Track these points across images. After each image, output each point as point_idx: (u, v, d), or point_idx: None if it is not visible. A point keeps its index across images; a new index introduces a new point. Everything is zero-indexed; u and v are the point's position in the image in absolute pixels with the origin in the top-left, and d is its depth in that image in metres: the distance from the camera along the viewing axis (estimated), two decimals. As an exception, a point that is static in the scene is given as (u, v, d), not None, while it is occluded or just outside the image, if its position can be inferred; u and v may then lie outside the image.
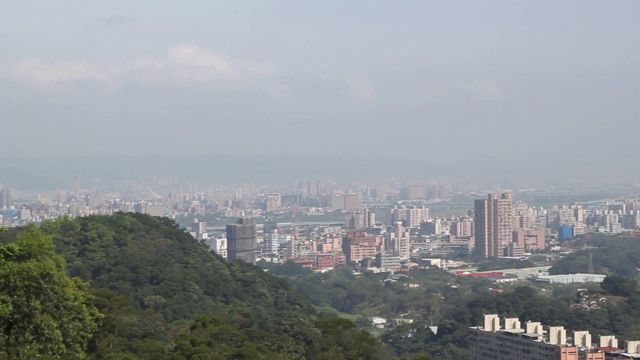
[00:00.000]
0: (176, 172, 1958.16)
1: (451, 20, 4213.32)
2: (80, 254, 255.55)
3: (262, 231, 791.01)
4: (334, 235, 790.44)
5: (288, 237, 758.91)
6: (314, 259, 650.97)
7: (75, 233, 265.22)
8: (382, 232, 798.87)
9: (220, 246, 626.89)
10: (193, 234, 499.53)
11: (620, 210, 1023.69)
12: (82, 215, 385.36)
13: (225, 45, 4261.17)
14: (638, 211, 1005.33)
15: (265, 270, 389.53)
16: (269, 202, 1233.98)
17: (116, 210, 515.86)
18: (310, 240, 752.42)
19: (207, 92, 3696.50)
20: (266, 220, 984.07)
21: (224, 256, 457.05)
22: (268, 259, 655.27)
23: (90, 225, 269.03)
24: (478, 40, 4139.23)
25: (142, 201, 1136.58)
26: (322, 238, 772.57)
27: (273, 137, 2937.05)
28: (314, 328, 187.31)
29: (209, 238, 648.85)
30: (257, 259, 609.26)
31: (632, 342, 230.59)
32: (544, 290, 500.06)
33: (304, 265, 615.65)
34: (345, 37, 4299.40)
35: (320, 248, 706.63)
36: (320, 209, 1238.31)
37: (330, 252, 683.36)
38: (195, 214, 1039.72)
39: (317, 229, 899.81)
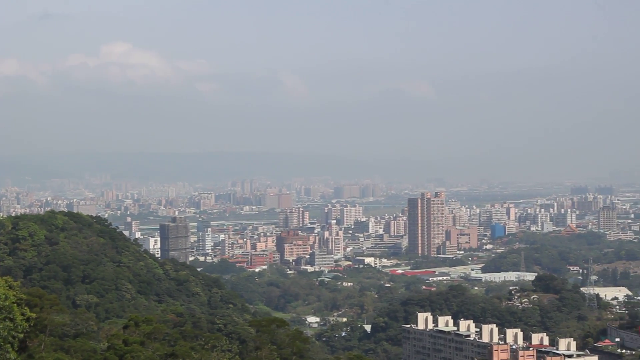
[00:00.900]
0: (109, 171, 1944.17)
1: (383, 18, 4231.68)
2: (11, 253, 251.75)
3: (195, 230, 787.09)
4: (268, 234, 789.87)
5: (222, 236, 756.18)
6: (247, 257, 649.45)
7: (6, 232, 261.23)
8: (316, 231, 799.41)
9: (154, 245, 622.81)
10: (126, 233, 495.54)
11: (551, 209, 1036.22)
12: (13, 214, 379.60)
13: (159, 43, 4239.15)
14: (569, 210, 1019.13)
15: (198, 269, 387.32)
16: (203, 200, 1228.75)
17: (48, 209, 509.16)
18: (244, 239, 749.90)
19: (140, 90, 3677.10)
20: (200, 219, 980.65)
21: (157, 255, 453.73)
22: (202, 258, 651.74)
23: (22, 224, 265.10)
24: (410, 39, 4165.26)
25: (74, 200, 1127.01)
26: (256, 237, 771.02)
27: (207, 135, 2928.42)
28: (247, 327, 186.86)
29: (142, 237, 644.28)
30: (191, 258, 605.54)
31: (563, 339, 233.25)
32: (476, 288, 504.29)
33: (237, 264, 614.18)
34: (278, 34, 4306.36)
35: (254, 247, 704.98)
36: (254, 207, 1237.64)
37: (264, 250, 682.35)
38: (128, 212, 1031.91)
39: (251, 227, 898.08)
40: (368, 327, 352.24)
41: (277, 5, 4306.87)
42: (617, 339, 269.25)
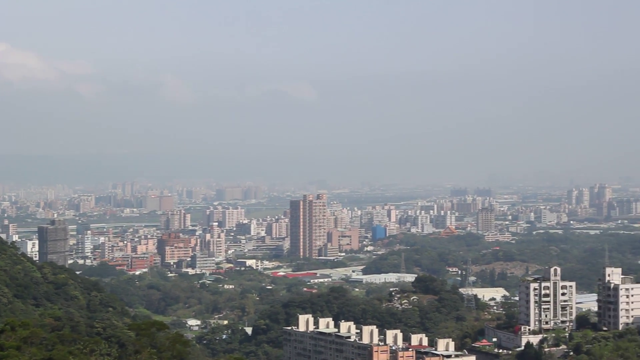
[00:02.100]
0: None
1: (266, 19, 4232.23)
2: None
3: (75, 233, 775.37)
4: (149, 236, 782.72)
5: (102, 239, 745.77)
6: (128, 260, 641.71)
7: None
8: (197, 233, 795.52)
9: (32, 248, 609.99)
10: (3, 235, 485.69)
11: (431, 211, 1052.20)
12: None
13: (38, 44, 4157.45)
14: (448, 212, 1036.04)
15: (77, 273, 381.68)
16: (83, 203, 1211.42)
17: None
18: (125, 242, 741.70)
19: (19, 91, 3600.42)
20: (79, 221, 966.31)
21: (35, 258, 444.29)
22: (81, 261, 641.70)
23: None
24: (291, 40, 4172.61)
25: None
26: (136, 239, 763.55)
27: (87, 137, 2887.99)
28: (127, 331, 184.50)
29: (19, 240, 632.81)
30: (70, 261, 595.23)
31: (442, 340, 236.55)
32: (357, 290, 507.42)
33: (117, 267, 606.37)
34: (159, 36, 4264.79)
35: (134, 249, 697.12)
36: (135, 210, 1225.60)
37: (144, 253, 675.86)
38: (6, 215, 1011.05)
39: (131, 230, 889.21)
40: (249, 330, 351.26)
41: (157, 7, 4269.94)
42: (494, 339, 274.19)
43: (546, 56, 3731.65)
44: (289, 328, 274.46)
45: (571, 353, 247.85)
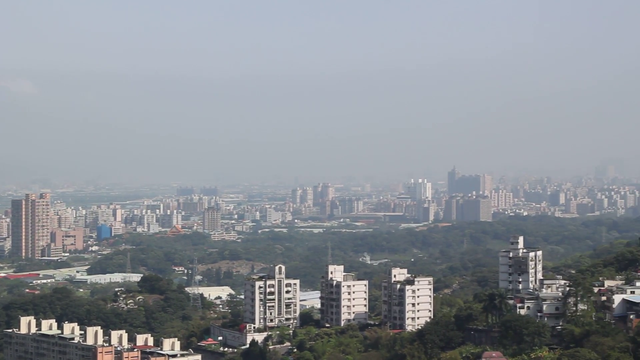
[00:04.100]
0: None
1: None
2: None
3: None
4: None
5: None
6: None
7: None
8: None
9: None
10: None
11: (157, 210, 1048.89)
12: None
13: None
14: (175, 211, 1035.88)
15: None
16: None
17: None
18: None
19: None
20: None
21: None
22: None
23: None
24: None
25: None
26: None
27: None
28: None
29: None
30: None
31: (167, 339, 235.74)
32: (82, 290, 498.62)
33: None
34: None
35: None
36: None
37: None
38: None
39: None
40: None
41: None
42: (220, 338, 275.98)
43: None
44: (10, 330, 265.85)
45: (295, 350, 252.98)
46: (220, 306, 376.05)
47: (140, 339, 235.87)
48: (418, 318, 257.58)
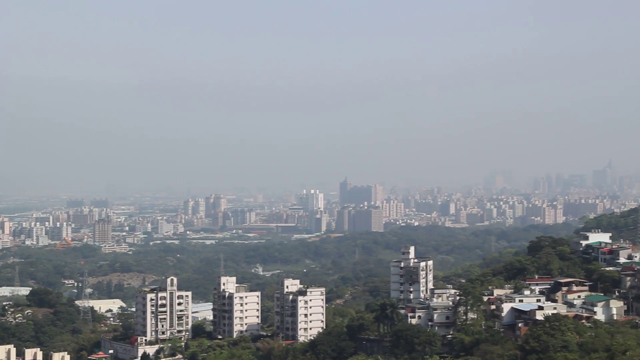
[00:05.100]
0: None
1: None
2: None
3: None
4: None
5: None
6: None
7: None
8: None
9: None
10: None
11: (47, 222, 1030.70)
12: None
13: None
14: (65, 223, 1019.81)
15: None
16: None
17: None
18: None
19: None
20: None
21: None
22: None
23: None
24: None
25: None
26: None
27: None
28: None
29: None
30: None
31: (57, 353, 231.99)
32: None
33: None
34: None
35: None
36: None
37: None
38: None
39: None
40: None
41: None
42: (111, 351, 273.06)
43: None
44: None
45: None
46: (112, 319, 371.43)
47: (29, 354, 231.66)
48: (310, 329, 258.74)
